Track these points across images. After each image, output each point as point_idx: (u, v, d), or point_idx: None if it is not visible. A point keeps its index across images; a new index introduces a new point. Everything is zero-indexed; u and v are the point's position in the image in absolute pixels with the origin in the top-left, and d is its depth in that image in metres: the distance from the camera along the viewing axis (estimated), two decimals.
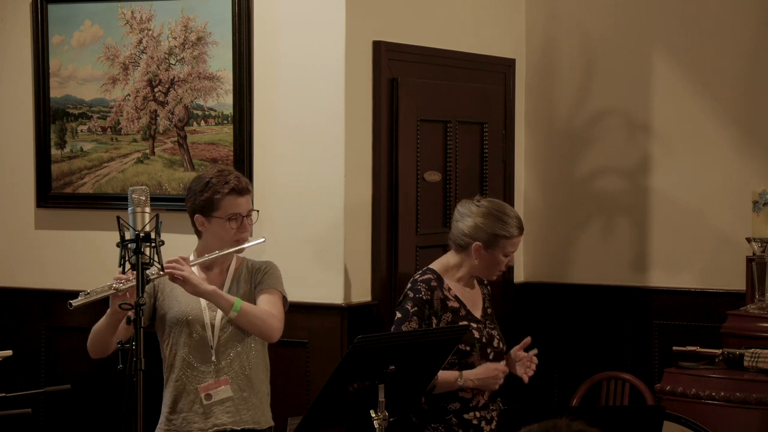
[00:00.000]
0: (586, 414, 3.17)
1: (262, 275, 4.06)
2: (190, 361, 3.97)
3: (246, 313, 3.91)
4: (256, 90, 5.08)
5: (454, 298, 4.22)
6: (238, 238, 3.99)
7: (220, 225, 3.97)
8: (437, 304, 4.18)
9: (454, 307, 4.20)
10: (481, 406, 4.21)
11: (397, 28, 5.23)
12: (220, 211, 3.96)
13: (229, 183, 3.97)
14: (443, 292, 4.20)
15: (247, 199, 4.02)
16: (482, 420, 4.22)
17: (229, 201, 3.97)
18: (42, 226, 5.56)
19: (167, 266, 3.79)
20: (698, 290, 5.80)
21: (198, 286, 3.85)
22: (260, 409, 4.05)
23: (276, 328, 3.98)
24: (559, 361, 6.08)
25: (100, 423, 5.41)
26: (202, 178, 4.02)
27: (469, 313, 4.23)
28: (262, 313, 3.96)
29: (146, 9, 5.26)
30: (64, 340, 5.46)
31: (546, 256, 6.15)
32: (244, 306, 3.91)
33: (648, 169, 5.92)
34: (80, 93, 5.43)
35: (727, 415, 4.76)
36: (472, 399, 4.19)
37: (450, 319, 4.18)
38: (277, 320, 3.99)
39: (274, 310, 4.00)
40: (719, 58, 5.77)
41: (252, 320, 3.93)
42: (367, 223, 5.07)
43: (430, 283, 4.20)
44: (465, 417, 4.19)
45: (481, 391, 4.20)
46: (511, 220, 4.21)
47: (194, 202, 4.00)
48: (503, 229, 4.18)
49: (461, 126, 5.56)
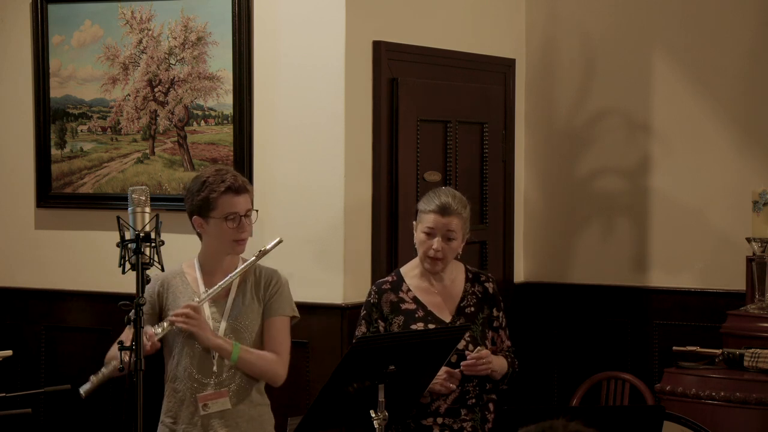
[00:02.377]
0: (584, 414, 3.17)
1: (274, 293, 3.98)
2: (191, 372, 3.94)
3: (247, 362, 3.89)
4: (256, 90, 5.08)
5: (412, 300, 4.12)
6: (237, 239, 3.95)
7: (218, 225, 3.92)
8: (386, 308, 4.10)
9: (408, 309, 4.10)
10: (444, 412, 4.08)
11: (397, 28, 5.23)
12: (217, 211, 3.91)
13: (225, 182, 3.91)
14: (398, 294, 4.12)
15: (245, 198, 3.96)
16: (445, 428, 4.08)
17: (226, 200, 3.91)
18: (42, 226, 5.56)
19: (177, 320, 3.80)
20: (698, 290, 5.79)
21: (206, 341, 3.85)
22: (260, 422, 4.02)
23: (280, 375, 3.96)
24: (559, 361, 6.08)
25: (100, 423, 5.41)
26: (199, 178, 3.98)
27: (430, 314, 4.11)
28: (264, 362, 3.93)
29: (146, 9, 5.26)
30: (65, 340, 5.46)
31: (546, 256, 6.15)
32: (242, 355, 3.87)
33: (648, 169, 5.92)
34: (80, 93, 5.44)
35: (727, 415, 4.76)
36: (431, 404, 4.05)
37: (401, 322, 4.08)
38: (281, 366, 3.95)
39: (281, 349, 3.96)
40: (719, 58, 5.77)
41: (254, 369, 3.92)
42: (367, 223, 5.08)
43: (381, 287, 4.15)
44: (423, 423, 4.07)
45: (443, 396, 4.06)
46: (435, 197, 4.11)
47: (192, 203, 3.97)
48: (422, 204, 4.13)
49: (461, 126, 5.56)
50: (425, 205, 4.12)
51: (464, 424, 4.11)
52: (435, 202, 4.09)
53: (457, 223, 4.09)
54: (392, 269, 5.10)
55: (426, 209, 4.10)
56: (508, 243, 5.97)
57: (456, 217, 4.09)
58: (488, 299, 4.23)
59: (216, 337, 3.87)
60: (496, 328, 4.22)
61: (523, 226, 6.15)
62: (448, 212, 4.07)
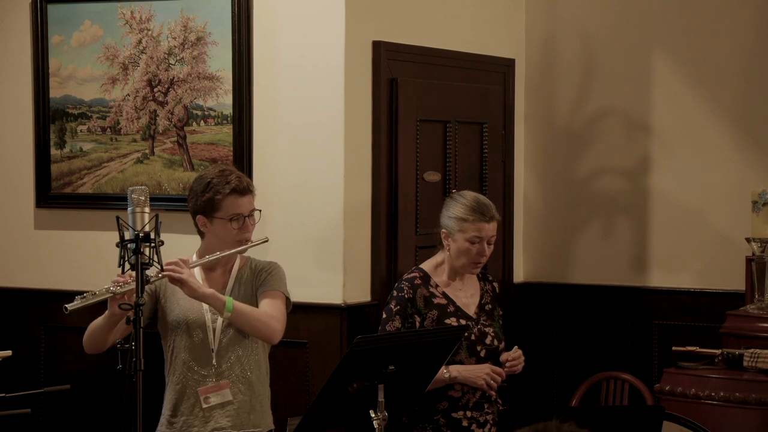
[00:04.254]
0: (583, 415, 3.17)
1: (266, 276, 4.03)
2: (190, 365, 3.96)
3: (241, 313, 3.89)
4: (255, 90, 5.08)
5: (442, 295, 4.23)
6: (241, 239, 3.98)
7: (222, 225, 3.96)
8: (420, 302, 4.19)
9: (440, 303, 4.21)
10: (472, 406, 4.19)
11: (397, 28, 5.23)
12: (222, 212, 3.95)
13: (230, 183, 3.95)
14: (429, 289, 4.21)
15: (249, 198, 4.00)
16: (473, 422, 4.19)
17: (231, 201, 3.95)
18: (41, 226, 5.56)
19: (166, 268, 3.78)
20: (698, 290, 5.79)
21: (196, 290, 3.83)
22: (261, 413, 4.03)
23: (276, 329, 3.96)
24: (558, 361, 6.08)
25: (100, 423, 5.41)
26: (203, 179, 4.00)
27: (459, 309, 4.23)
28: (260, 314, 3.93)
29: (146, 9, 5.26)
30: (64, 341, 5.46)
31: (546, 256, 6.15)
32: (237, 306, 3.88)
33: (648, 169, 5.92)
34: (80, 93, 5.43)
35: (727, 415, 4.76)
36: (462, 398, 4.17)
37: (435, 316, 4.18)
38: (276, 321, 3.96)
39: (275, 311, 3.97)
40: (719, 58, 5.77)
41: (250, 321, 3.91)
42: (366, 223, 5.07)
43: (413, 282, 4.23)
44: (453, 416, 4.17)
45: (472, 390, 4.18)
46: (469, 203, 4.21)
47: (196, 203, 3.99)
48: (460, 212, 4.21)
49: (461, 126, 5.56)
50: (467, 215, 4.21)
51: (488, 417, 4.24)
52: (479, 212, 4.20)
53: (496, 227, 4.28)
54: (392, 269, 5.11)
55: (470, 218, 4.20)
56: (508, 243, 5.97)
57: (497, 221, 4.28)
58: (497, 298, 4.42)
59: (206, 287, 3.87)
60: None
61: (522, 226, 6.15)
62: (493, 219, 4.24)
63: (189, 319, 3.97)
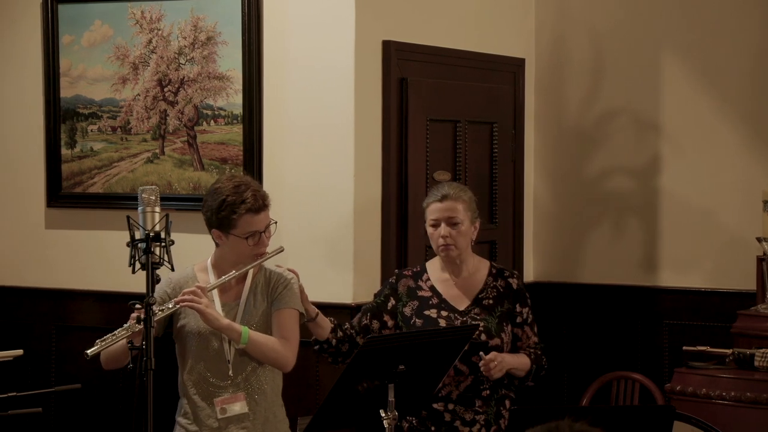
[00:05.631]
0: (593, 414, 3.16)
1: (282, 290, 3.99)
2: (206, 375, 3.94)
3: (256, 343, 3.88)
4: (265, 90, 5.08)
5: (429, 288, 4.20)
6: (256, 253, 3.96)
7: (238, 242, 3.91)
8: (402, 289, 4.20)
9: (424, 296, 4.19)
10: (456, 399, 4.10)
11: (407, 28, 5.23)
12: (238, 230, 3.89)
13: (246, 203, 3.87)
14: (417, 282, 4.21)
15: (265, 214, 3.94)
16: (456, 418, 4.11)
17: (246, 220, 3.89)
18: (52, 225, 5.57)
19: (184, 298, 3.78)
20: (708, 290, 5.78)
21: (213, 321, 3.82)
22: (275, 423, 4.02)
23: (289, 359, 3.94)
24: (568, 360, 6.07)
25: (110, 422, 5.42)
26: (218, 194, 3.92)
27: (444, 302, 4.17)
28: (275, 344, 3.92)
29: (156, 9, 5.26)
30: (75, 340, 5.47)
31: (555, 255, 6.14)
32: (252, 336, 3.86)
33: (658, 169, 5.91)
34: (90, 93, 5.44)
35: (738, 415, 4.75)
36: (442, 389, 4.07)
37: (415, 307, 4.16)
38: (290, 350, 3.94)
39: (290, 337, 3.95)
40: (729, 58, 5.76)
41: (264, 351, 3.90)
42: (376, 222, 5.07)
43: (402, 272, 4.28)
44: (434, 407, 4.10)
45: (454, 383, 4.09)
46: (433, 190, 4.21)
47: (210, 218, 3.93)
48: (425, 200, 4.22)
49: (471, 126, 5.56)
50: (426, 200, 4.24)
51: (477, 417, 4.13)
52: (434, 194, 4.19)
53: (459, 207, 4.15)
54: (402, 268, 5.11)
55: (427, 203, 4.21)
56: (518, 243, 5.96)
57: (455, 201, 4.15)
58: (511, 294, 4.26)
59: (223, 318, 3.87)
60: (520, 324, 4.27)
61: (532, 225, 6.14)
62: (446, 198, 4.14)
63: (205, 329, 3.94)
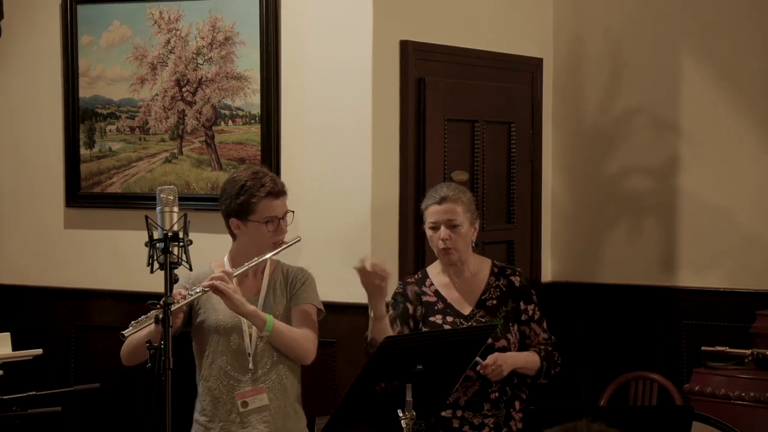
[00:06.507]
0: (612, 414, 3.16)
1: (300, 286, 4.03)
2: (227, 369, 3.96)
3: (280, 332, 3.91)
4: (283, 90, 5.09)
5: (433, 293, 4.19)
6: (275, 241, 3.98)
7: (257, 228, 3.95)
8: (412, 295, 4.20)
9: (429, 301, 4.18)
10: (464, 405, 4.09)
11: (425, 28, 5.23)
12: (257, 215, 3.93)
13: (265, 186, 3.94)
14: (421, 288, 4.20)
15: (283, 200, 3.99)
16: (465, 423, 4.09)
17: (266, 204, 3.94)
18: (71, 225, 5.59)
19: (214, 278, 3.80)
20: (727, 290, 5.76)
21: (239, 306, 3.84)
22: (295, 419, 4.03)
23: (310, 350, 3.98)
24: (586, 361, 6.06)
25: (129, 422, 5.43)
26: (236, 181, 3.98)
27: (449, 306, 4.16)
28: (297, 335, 3.95)
29: (174, 9, 5.28)
30: (94, 339, 5.49)
31: (574, 255, 6.13)
32: (276, 325, 3.90)
33: (676, 169, 5.89)
34: (109, 93, 5.46)
35: (757, 415, 4.74)
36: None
37: (422, 312, 4.16)
38: (311, 342, 3.98)
39: (310, 330, 3.99)
40: (747, 57, 5.74)
41: (286, 341, 3.93)
42: (394, 222, 5.08)
43: (406, 280, 4.27)
44: (442, 415, 4.08)
45: (462, 389, 4.06)
46: (431, 192, 4.19)
47: (229, 206, 3.97)
48: (422, 203, 4.21)
49: (488, 125, 5.55)
50: (424, 202, 4.22)
51: (486, 420, 4.11)
52: (432, 196, 4.18)
53: (458, 209, 4.13)
54: (419, 269, 5.11)
55: (425, 205, 4.19)
56: (536, 243, 5.96)
57: (453, 203, 4.13)
58: (514, 292, 4.23)
59: (249, 304, 3.88)
60: (526, 322, 4.23)
61: (550, 225, 6.13)
62: (445, 200, 4.12)
63: (226, 324, 3.96)
